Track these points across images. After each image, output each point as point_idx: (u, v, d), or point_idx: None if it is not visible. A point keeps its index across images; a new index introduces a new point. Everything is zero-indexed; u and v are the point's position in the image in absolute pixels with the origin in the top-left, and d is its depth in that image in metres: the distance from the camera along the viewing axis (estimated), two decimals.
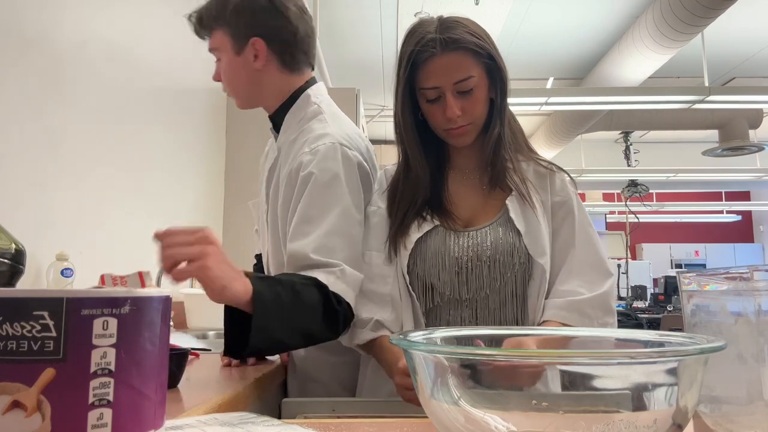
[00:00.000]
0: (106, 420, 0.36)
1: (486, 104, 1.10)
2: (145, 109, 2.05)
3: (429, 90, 1.07)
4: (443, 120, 1.08)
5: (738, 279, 0.45)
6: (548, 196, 1.14)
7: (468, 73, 1.05)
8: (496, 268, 1.07)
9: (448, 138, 1.12)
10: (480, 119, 1.10)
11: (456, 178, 1.18)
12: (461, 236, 1.10)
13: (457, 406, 0.41)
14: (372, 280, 1.12)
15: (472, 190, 1.16)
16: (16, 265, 1.00)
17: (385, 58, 5.58)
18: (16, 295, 0.35)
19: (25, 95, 1.37)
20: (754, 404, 0.43)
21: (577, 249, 1.10)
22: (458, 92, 1.06)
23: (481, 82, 1.07)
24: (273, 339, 0.97)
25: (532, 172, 1.15)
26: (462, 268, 1.08)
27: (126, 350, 0.38)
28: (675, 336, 0.48)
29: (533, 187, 1.12)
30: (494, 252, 1.07)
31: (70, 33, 1.55)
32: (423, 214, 1.12)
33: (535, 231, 1.08)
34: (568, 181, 1.17)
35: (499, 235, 1.08)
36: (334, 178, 1.13)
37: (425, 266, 1.09)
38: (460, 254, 1.08)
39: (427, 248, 1.10)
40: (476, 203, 1.14)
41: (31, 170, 1.39)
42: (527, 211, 1.09)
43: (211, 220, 2.86)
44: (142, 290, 0.39)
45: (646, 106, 4.44)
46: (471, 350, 0.48)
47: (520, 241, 1.07)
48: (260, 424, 0.59)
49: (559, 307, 1.06)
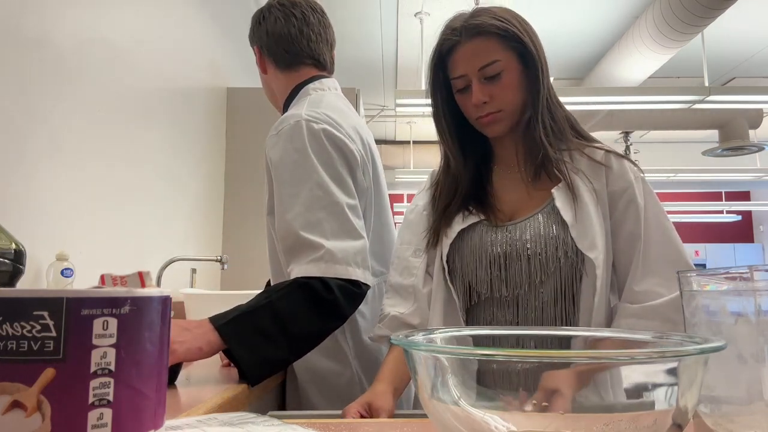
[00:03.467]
0: (106, 420, 0.36)
1: (519, 91, 1.04)
2: (146, 109, 2.05)
3: (457, 80, 1.05)
4: (472, 109, 1.05)
5: (738, 279, 0.45)
6: (604, 185, 1.04)
7: (492, 58, 1.01)
8: (536, 263, 1.00)
9: (481, 127, 1.08)
10: (511, 106, 1.04)
11: (500, 171, 1.13)
12: (499, 231, 1.04)
13: (457, 406, 0.41)
14: (399, 273, 1.11)
15: (517, 184, 1.09)
16: (16, 265, 1.00)
17: (385, 58, 5.58)
18: (16, 295, 0.35)
19: (25, 95, 1.37)
20: (754, 404, 0.43)
21: (648, 242, 1.00)
22: (485, 78, 1.03)
23: (511, 66, 1.03)
24: (268, 359, 0.98)
25: (585, 161, 1.06)
26: (498, 263, 1.02)
27: (126, 350, 0.38)
28: (675, 336, 0.48)
29: (584, 176, 1.03)
30: (534, 245, 1.00)
31: (70, 33, 1.55)
32: (469, 208, 1.08)
33: (585, 223, 0.99)
34: (629, 167, 1.06)
35: (540, 227, 1.01)
36: (300, 153, 1.11)
37: (462, 263, 1.05)
38: (496, 249, 1.03)
39: (465, 244, 1.05)
40: (520, 196, 1.08)
41: (31, 170, 1.39)
42: (576, 202, 1.01)
43: (210, 220, 2.87)
44: (142, 290, 0.39)
45: (646, 106, 4.43)
46: (471, 350, 0.48)
47: (566, 233, 0.99)
48: (260, 424, 0.59)
49: (635, 315, 0.96)
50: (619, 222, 1.02)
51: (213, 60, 2.85)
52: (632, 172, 1.05)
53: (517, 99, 1.05)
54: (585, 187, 1.02)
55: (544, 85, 1.05)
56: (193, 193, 2.60)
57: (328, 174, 1.11)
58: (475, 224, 1.06)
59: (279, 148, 1.13)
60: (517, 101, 1.05)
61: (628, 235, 1.01)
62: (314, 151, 1.12)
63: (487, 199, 1.09)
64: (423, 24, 4.65)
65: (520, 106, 1.05)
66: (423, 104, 4.43)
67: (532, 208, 1.05)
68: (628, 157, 1.07)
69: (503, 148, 1.12)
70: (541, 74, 1.04)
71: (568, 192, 1.02)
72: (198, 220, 2.65)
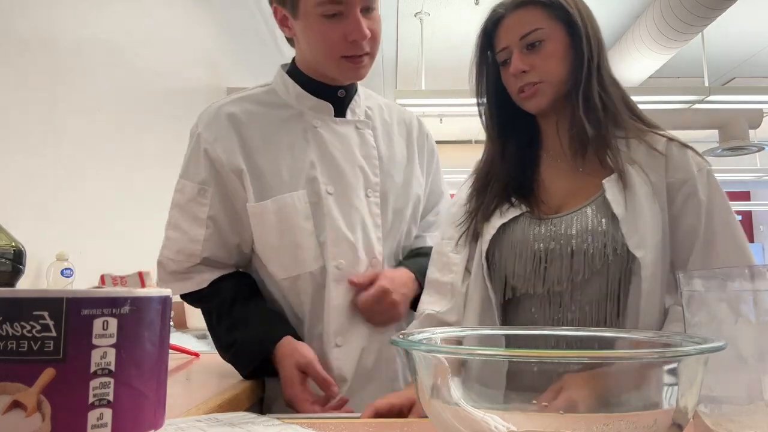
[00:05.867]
0: (106, 420, 0.36)
1: (564, 63, 0.98)
2: (146, 109, 2.05)
3: (500, 53, 1.01)
4: (512, 80, 1.00)
5: (738, 279, 0.45)
6: (662, 176, 0.95)
7: (534, 26, 0.97)
8: (581, 260, 0.92)
9: (522, 102, 1.01)
10: (553, 77, 0.98)
11: (547, 160, 1.06)
12: (543, 224, 0.97)
13: (457, 406, 0.41)
14: (439, 269, 1.07)
15: (565, 173, 1.02)
16: (16, 265, 1.00)
17: (385, 58, 5.58)
18: (16, 295, 0.35)
19: (25, 95, 1.37)
20: (754, 404, 0.43)
21: (710, 241, 0.92)
22: (526, 48, 0.98)
23: (555, 36, 0.97)
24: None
25: (643, 149, 0.97)
26: (539, 259, 0.96)
27: (126, 350, 0.38)
28: (675, 336, 0.48)
29: (640, 166, 0.95)
30: (580, 241, 0.93)
31: (70, 33, 1.55)
32: (511, 200, 1.02)
33: (637, 217, 0.91)
34: (692, 157, 0.96)
35: (588, 221, 0.94)
36: None
37: (501, 257, 0.99)
38: (538, 243, 0.96)
39: (506, 237, 1.00)
40: (569, 187, 1.00)
41: (31, 170, 1.39)
42: (629, 194, 0.92)
43: None
44: (142, 290, 0.39)
45: (646, 106, 4.42)
46: (471, 350, 0.48)
47: (616, 228, 0.91)
48: (260, 424, 0.59)
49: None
50: (676, 217, 0.94)
51: (213, 60, 2.85)
52: (695, 163, 0.96)
53: (561, 71, 0.98)
54: (640, 178, 0.94)
55: (592, 59, 0.98)
56: None
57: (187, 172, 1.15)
58: (516, 218, 1.00)
59: None
60: (560, 73, 0.98)
61: (686, 231, 0.93)
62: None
63: (531, 189, 1.03)
64: (423, 24, 4.64)
65: (564, 79, 0.99)
66: (423, 104, 4.43)
67: (581, 200, 0.97)
68: (693, 147, 0.98)
69: (550, 131, 1.05)
70: (587, 46, 0.98)
71: (619, 183, 0.94)
72: None
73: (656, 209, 0.93)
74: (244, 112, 1.09)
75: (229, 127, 1.07)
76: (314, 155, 1.08)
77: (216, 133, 1.07)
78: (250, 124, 1.08)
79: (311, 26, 1.01)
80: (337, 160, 1.09)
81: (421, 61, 4.74)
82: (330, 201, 1.07)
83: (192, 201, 1.07)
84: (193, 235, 1.06)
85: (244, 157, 1.06)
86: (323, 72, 1.09)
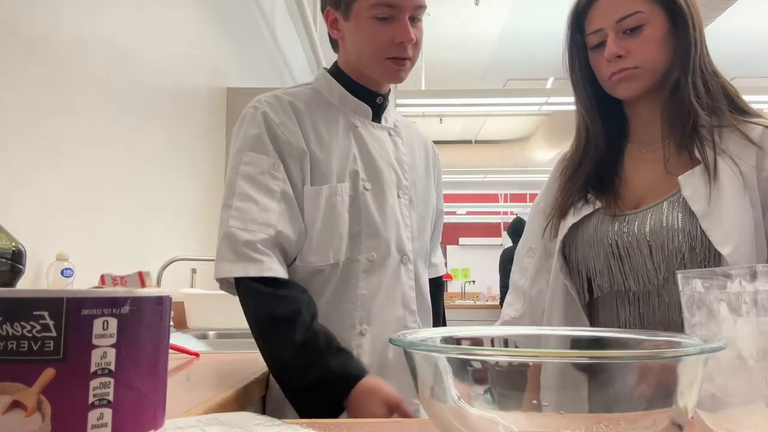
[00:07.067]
0: (106, 420, 0.36)
1: (664, 49, 0.94)
2: (145, 109, 2.05)
3: (592, 35, 0.96)
4: (604, 66, 0.95)
5: (738, 279, 0.45)
6: (753, 167, 0.90)
7: (634, 9, 0.92)
8: (658, 257, 0.90)
9: (613, 88, 0.97)
10: (651, 64, 0.94)
11: (634, 152, 1.02)
12: (616, 221, 0.95)
13: (457, 406, 0.41)
14: (518, 272, 1.10)
15: (652, 165, 0.98)
16: (15, 265, 1.00)
17: None
18: (16, 295, 0.35)
19: (25, 95, 1.37)
20: (754, 404, 0.43)
21: None
22: (623, 32, 0.93)
23: (656, 21, 0.93)
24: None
25: (735, 138, 0.92)
26: (616, 255, 0.93)
27: (126, 350, 0.38)
28: (675, 336, 0.48)
29: (730, 157, 0.90)
30: (656, 237, 0.90)
31: (70, 33, 1.55)
32: (587, 196, 1.00)
33: (721, 213, 0.87)
34: None
35: (663, 217, 0.91)
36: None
37: (578, 255, 0.98)
38: (615, 240, 0.94)
39: (581, 235, 0.98)
40: (653, 180, 0.97)
41: (31, 170, 1.39)
42: (714, 188, 0.88)
43: (211, 220, 2.87)
44: (142, 290, 0.39)
45: None
46: (471, 350, 0.48)
47: (693, 224, 0.88)
48: (260, 424, 0.59)
49: None
50: (767, 211, 0.90)
51: (213, 60, 2.85)
52: None
53: (660, 57, 0.94)
54: (729, 170, 0.90)
55: (697, 46, 0.94)
56: (194, 192, 2.61)
57: (251, 148, 1.13)
58: (589, 215, 0.98)
59: None
60: (659, 60, 0.94)
61: None
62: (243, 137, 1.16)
63: (611, 183, 1.00)
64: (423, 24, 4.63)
65: (662, 66, 0.95)
66: (423, 104, 4.43)
67: (660, 194, 0.94)
68: None
69: (640, 121, 1.01)
70: (692, 32, 0.94)
71: (703, 176, 0.90)
72: (198, 220, 2.65)
73: (746, 204, 0.88)
74: (300, 102, 1.13)
75: (291, 113, 1.10)
76: (356, 151, 1.12)
77: (282, 117, 1.09)
78: (306, 113, 1.12)
79: (362, 27, 1.06)
80: (375, 158, 1.13)
81: (421, 61, 4.73)
82: (367, 196, 1.10)
83: (265, 174, 1.06)
84: (266, 205, 1.03)
85: (306, 143, 1.09)
86: (366, 72, 1.12)
